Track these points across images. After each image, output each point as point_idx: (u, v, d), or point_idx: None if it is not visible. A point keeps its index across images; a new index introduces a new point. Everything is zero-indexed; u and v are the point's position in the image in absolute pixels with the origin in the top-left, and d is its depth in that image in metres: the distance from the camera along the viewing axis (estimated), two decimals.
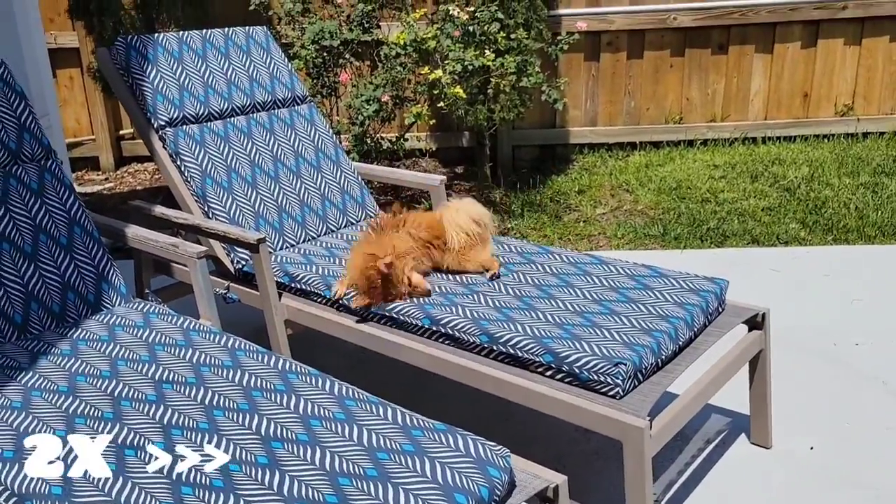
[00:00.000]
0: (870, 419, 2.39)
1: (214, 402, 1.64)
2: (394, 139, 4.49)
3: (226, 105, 2.78)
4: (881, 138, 5.26)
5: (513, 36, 4.25)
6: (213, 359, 1.82)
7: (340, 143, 4.50)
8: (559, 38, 4.47)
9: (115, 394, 1.68)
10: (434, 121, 5.21)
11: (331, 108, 4.61)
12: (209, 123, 2.71)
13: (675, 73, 5.23)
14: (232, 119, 2.78)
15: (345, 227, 2.82)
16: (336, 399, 1.64)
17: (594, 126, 5.33)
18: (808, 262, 3.57)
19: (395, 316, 2.14)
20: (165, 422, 1.57)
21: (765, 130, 5.30)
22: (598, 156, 5.24)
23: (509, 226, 4.27)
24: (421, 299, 2.14)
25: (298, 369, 1.77)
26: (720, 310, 2.14)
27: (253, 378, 1.73)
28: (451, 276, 2.31)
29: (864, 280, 3.36)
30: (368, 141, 4.38)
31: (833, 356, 2.76)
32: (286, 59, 3.05)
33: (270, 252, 2.57)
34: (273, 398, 1.65)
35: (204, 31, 2.88)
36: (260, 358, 1.82)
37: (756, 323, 2.15)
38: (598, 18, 5.03)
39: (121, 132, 5.51)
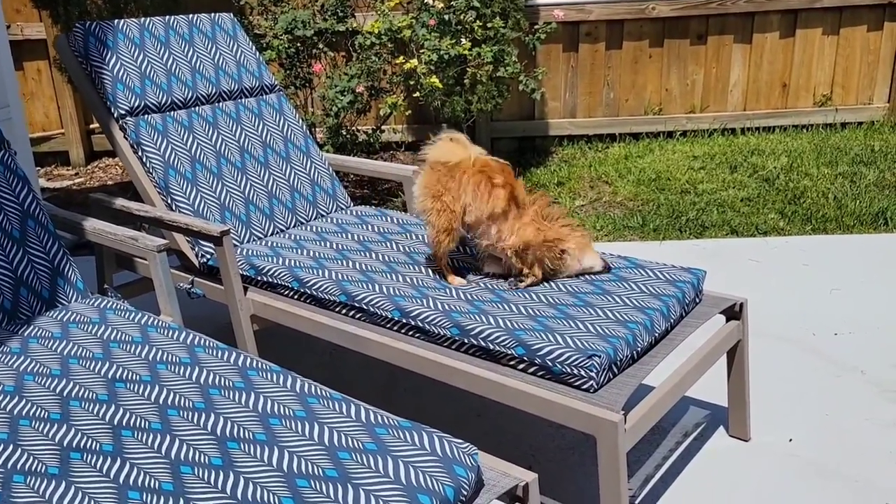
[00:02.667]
0: (849, 410, 2.35)
1: (169, 401, 1.56)
2: (370, 131, 4.41)
3: (190, 94, 2.69)
4: (859, 128, 5.26)
5: (489, 25, 4.19)
6: (170, 356, 1.74)
7: (315, 135, 4.43)
8: (536, 27, 4.41)
9: (64, 393, 1.60)
10: (410, 112, 5.14)
11: (305, 100, 4.52)
12: (172, 113, 2.62)
13: (654, 64, 5.19)
14: (196, 108, 2.69)
15: (315, 219, 2.75)
16: (297, 396, 1.57)
17: (573, 118, 5.28)
18: (787, 252, 3.54)
19: (364, 307, 2.07)
20: (116, 422, 1.49)
21: (744, 121, 5.28)
22: (578, 147, 5.19)
23: None
24: (392, 290, 2.07)
25: (259, 366, 1.69)
26: (697, 300, 2.09)
27: (211, 375, 1.65)
28: (421, 268, 2.24)
29: (842, 269, 3.33)
30: (344, 133, 4.30)
31: (812, 346, 2.72)
32: (254, 47, 2.96)
33: (236, 245, 2.49)
34: (231, 396, 1.57)
35: (167, 17, 2.79)
36: (220, 355, 1.74)
37: (734, 313, 2.10)
38: (575, 8, 4.98)
39: (91, 126, 5.38)
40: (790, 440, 2.21)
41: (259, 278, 2.32)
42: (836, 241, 3.66)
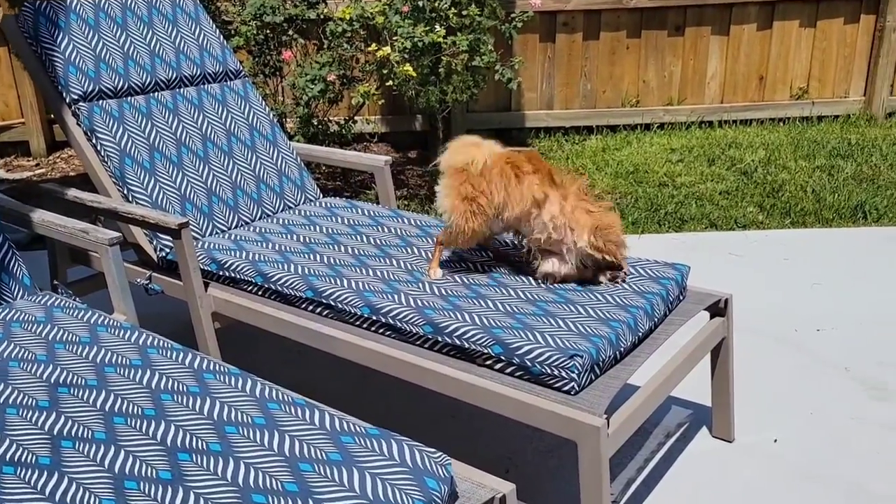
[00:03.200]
0: (834, 409, 2.29)
1: (116, 408, 1.43)
2: (342, 122, 4.27)
3: (148, 78, 2.54)
4: (835, 121, 5.23)
5: (465, 13, 4.07)
6: (120, 358, 1.61)
7: (285, 125, 4.29)
8: (513, 16, 4.31)
9: (1, 400, 1.47)
10: (383, 102, 5.02)
11: (275, 89, 4.37)
12: (129, 98, 2.48)
13: (632, 55, 5.12)
14: (155, 94, 2.54)
15: (282, 210, 2.62)
16: (257, 401, 1.46)
17: (550, 109, 5.19)
18: (767, 247, 3.48)
19: (332, 304, 1.95)
20: (56, 432, 1.37)
21: (721, 114, 5.23)
22: (555, 140, 5.11)
23: None
24: (362, 285, 1.96)
25: (216, 368, 1.57)
26: (681, 297, 2.00)
27: (164, 379, 1.53)
28: (393, 261, 2.13)
29: (822, 264, 3.28)
30: (315, 123, 4.16)
31: (795, 343, 2.66)
32: (217, 31, 2.82)
33: (197, 238, 2.36)
34: (184, 402, 1.45)
35: None
36: (174, 356, 1.62)
37: (718, 310, 2.02)
38: None
39: (53, 115, 5.17)
40: (775, 441, 2.14)
41: (221, 273, 2.19)
42: (816, 234, 3.61)
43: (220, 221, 2.45)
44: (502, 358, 1.67)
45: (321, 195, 2.77)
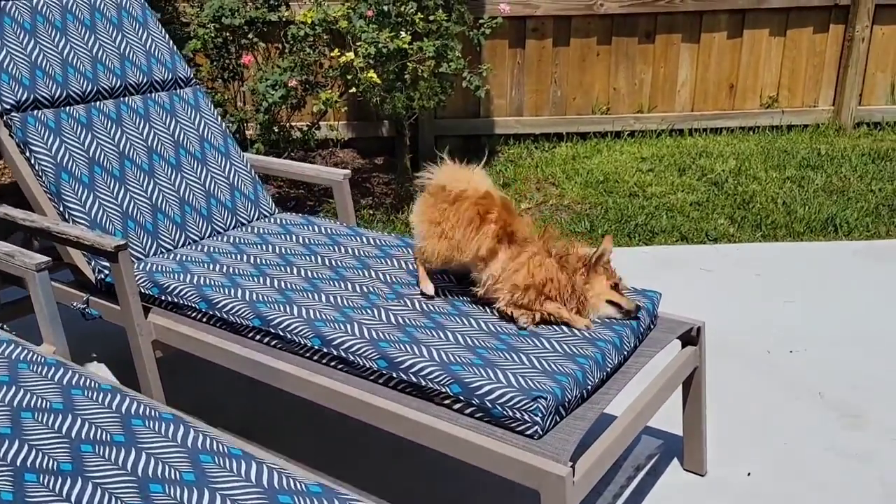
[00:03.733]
0: (809, 439, 2.20)
1: (29, 463, 1.29)
2: (306, 128, 4.13)
3: (89, 86, 2.38)
4: (804, 131, 5.20)
5: (432, 18, 3.95)
6: (39, 401, 1.46)
7: (245, 132, 4.13)
8: (481, 21, 4.20)
9: None
10: (346, 108, 4.88)
11: (235, 94, 4.21)
12: (68, 108, 2.32)
13: (602, 62, 5.04)
14: (97, 103, 2.39)
15: (234, 227, 2.47)
16: (188, 453, 1.32)
17: (520, 116, 5.09)
18: (739, 261, 3.41)
19: (280, 334, 1.82)
20: None
21: (692, 122, 5.17)
22: (524, 147, 5.01)
23: None
24: (313, 313, 1.83)
25: (147, 412, 1.43)
26: (652, 326, 1.90)
27: (85, 427, 1.38)
28: (348, 286, 2.00)
29: (794, 280, 3.22)
30: (276, 130, 4.01)
31: (768, 365, 2.58)
32: (167, 36, 2.67)
33: (140, 258, 2.21)
34: (106, 454, 1.31)
35: (65, 0, 2.47)
36: (101, 398, 1.47)
37: (690, 338, 1.92)
38: (522, 3, 4.77)
39: None
40: (748, 474, 2.05)
41: (163, 298, 2.04)
42: (787, 248, 3.55)
43: (166, 240, 2.30)
44: (461, 398, 1.55)
45: (277, 210, 2.63)
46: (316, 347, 1.77)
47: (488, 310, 1.86)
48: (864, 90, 5.23)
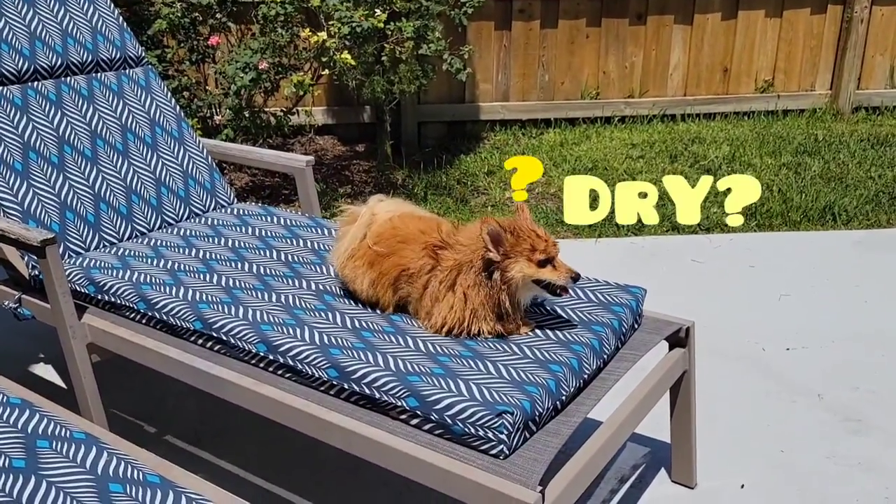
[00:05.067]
0: (807, 445, 2.04)
1: None
2: (280, 113, 3.92)
3: (26, 65, 2.18)
4: (801, 116, 5.03)
5: None
6: None
7: (214, 117, 3.93)
8: (464, 1, 4.00)
9: None
10: (327, 92, 4.68)
11: (205, 78, 4.01)
12: (1, 88, 2.12)
13: (592, 45, 4.84)
14: (34, 83, 2.19)
15: (186, 219, 2.29)
16: (95, 483, 1.14)
17: (506, 101, 4.89)
18: (732, 252, 3.24)
19: (223, 338, 1.64)
20: None
21: (684, 107, 4.99)
22: (511, 133, 4.82)
23: None
24: (260, 315, 1.65)
25: (57, 432, 1.25)
26: (636, 325, 1.73)
27: None
28: (303, 283, 1.82)
29: (791, 272, 3.05)
30: (248, 115, 3.81)
31: (763, 365, 2.41)
32: (116, 11, 2.46)
33: (80, 253, 2.02)
34: (2, 484, 1.13)
35: None
36: (6, 415, 1.29)
37: (679, 339, 1.75)
38: None
39: None
40: (742, 486, 1.88)
41: (100, 297, 1.85)
42: (783, 238, 3.38)
43: (110, 232, 2.11)
44: (419, 413, 1.37)
45: (235, 200, 2.44)
46: (261, 354, 1.58)
47: None
48: (862, 73, 5.05)
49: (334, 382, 1.48)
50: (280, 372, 1.57)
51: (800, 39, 4.97)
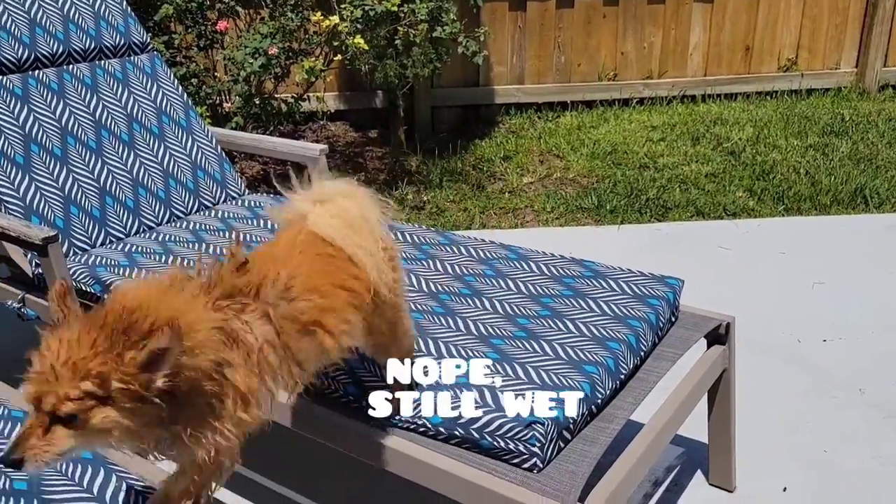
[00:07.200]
0: (851, 444, 1.93)
1: None
2: (290, 100, 3.82)
3: (26, 53, 2.09)
4: (826, 95, 4.87)
5: None
6: None
7: (223, 105, 3.83)
8: None
9: None
10: (340, 77, 4.57)
11: (213, 64, 3.91)
12: (1, 77, 2.03)
13: (609, 25, 4.70)
14: (35, 72, 2.10)
15: (196, 211, 2.20)
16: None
17: (521, 84, 4.76)
18: (760, 238, 3.12)
19: None
20: None
21: (705, 87, 4.84)
22: (526, 117, 4.69)
23: (426, 198, 3.69)
24: None
25: None
26: (673, 319, 1.62)
27: None
28: None
29: (823, 258, 2.93)
30: (258, 102, 3.71)
31: (800, 358, 2.30)
32: None
33: (86, 250, 1.93)
34: None
35: None
36: (7, 431, 1.21)
37: (718, 335, 1.65)
38: None
39: None
40: (784, 489, 1.78)
41: (106, 297, 1.77)
42: (813, 223, 3.26)
43: (116, 227, 2.02)
44: (441, 429, 1.28)
45: (245, 191, 2.35)
46: None
47: (483, 302, 1.58)
48: (889, 50, 4.88)
49: (352, 398, 1.39)
50: None
51: (824, 15, 4.80)
